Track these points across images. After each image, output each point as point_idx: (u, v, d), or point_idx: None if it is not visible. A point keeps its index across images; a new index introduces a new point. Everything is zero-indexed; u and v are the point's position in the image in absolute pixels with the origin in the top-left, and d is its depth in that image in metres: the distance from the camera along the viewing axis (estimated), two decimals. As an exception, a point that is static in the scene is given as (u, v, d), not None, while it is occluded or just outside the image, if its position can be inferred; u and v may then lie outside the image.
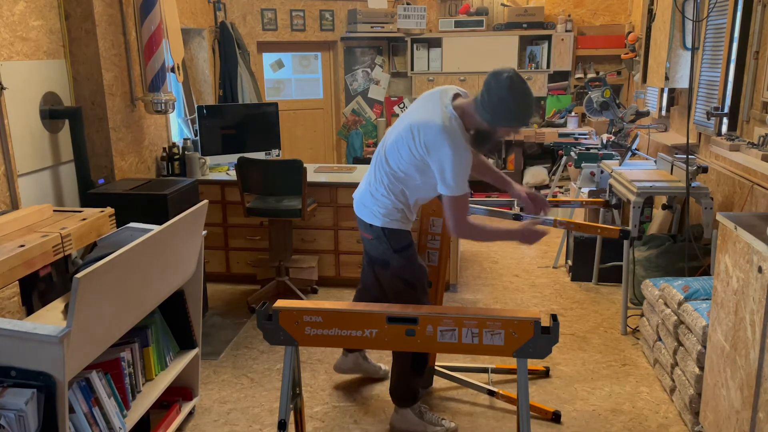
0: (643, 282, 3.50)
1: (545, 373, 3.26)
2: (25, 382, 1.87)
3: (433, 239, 2.95)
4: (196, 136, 4.81)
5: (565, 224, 3.12)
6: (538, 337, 2.09)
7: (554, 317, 2.10)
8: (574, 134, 6.03)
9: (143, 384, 2.56)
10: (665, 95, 5.17)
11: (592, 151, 4.87)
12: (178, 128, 5.11)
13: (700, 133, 4.33)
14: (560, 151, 5.62)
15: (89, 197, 3.42)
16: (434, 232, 2.94)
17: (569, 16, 6.34)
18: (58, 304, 2.57)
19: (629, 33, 6.00)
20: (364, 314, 2.18)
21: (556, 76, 6.48)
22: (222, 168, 4.58)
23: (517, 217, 3.03)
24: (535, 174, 6.43)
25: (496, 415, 2.93)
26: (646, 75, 5.38)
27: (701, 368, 2.69)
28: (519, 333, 2.10)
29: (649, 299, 3.36)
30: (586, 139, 5.86)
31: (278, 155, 4.81)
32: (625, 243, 3.69)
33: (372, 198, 2.63)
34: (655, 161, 4.23)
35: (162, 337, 2.71)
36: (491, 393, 3.05)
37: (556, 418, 2.87)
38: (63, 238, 2.59)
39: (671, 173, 3.89)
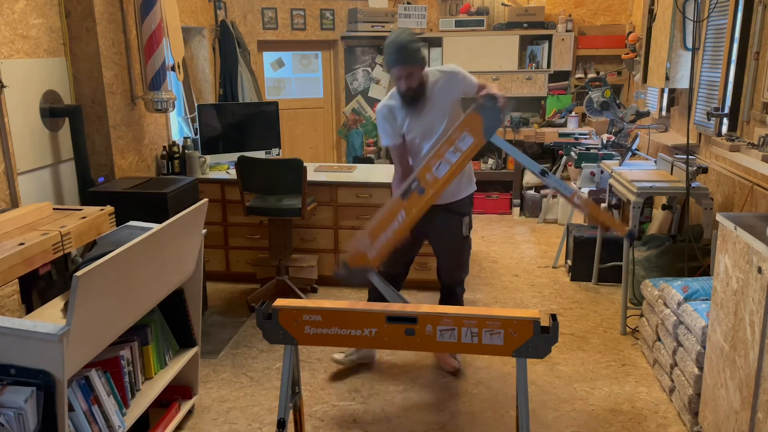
0: (643, 282, 3.50)
1: (455, 374, 3.27)
2: (24, 380, 1.87)
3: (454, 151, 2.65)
4: (196, 134, 4.80)
5: (581, 204, 2.82)
6: (537, 337, 2.09)
7: (554, 317, 2.11)
8: (574, 134, 6.03)
9: (142, 382, 2.56)
10: (665, 95, 5.17)
11: (592, 151, 4.87)
12: (178, 127, 5.11)
13: (700, 134, 4.33)
14: (560, 151, 5.63)
15: (89, 195, 3.42)
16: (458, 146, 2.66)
17: (570, 15, 6.33)
18: (57, 303, 2.57)
19: (630, 33, 6.00)
20: (364, 313, 2.18)
21: (557, 76, 6.47)
22: (222, 167, 4.58)
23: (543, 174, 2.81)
24: (535, 174, 6.41)
25: (495, 414, 2.93)
26: (646, 75, 5.38)
27: (700, 368, 2.69)
28: (518, 333, 2.10)
29: (649, 299, 3.36)
30: (586, 139, 5.86)
31: (278, 154, 4.81)
32: (625, 243, 3.69)
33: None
34: (655, 161, 4.23)
35: (161, 335, 2.71)
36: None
37: None
38: (63, 237, 2.59)
39: (671, 173, 3.89)
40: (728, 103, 3.88)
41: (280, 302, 2.25)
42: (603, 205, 4.25)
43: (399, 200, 2.58)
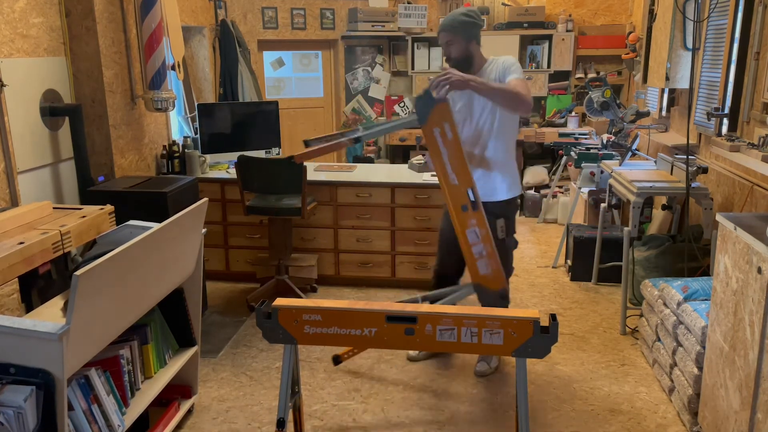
0: (643, 282, 3.50)
1: (334, 361, 3.27)
2: (24, 380, 1.87)
3: None
4: (196, 134, 4.80)
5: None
6: (537, 337, 2.09)
7: (553, 317, 2.11)
8: (574, 134, 6.04)
9: (142, 382, 2.56)
10: (665, 95, 5.17)
11: (592, 151, 4.87)
12: (178, 126, 5.11)
13: (700, 134, 4.33)
14: (560, 151, 5.63)
15: (89, 195, 3.41)
16: None
17: (570, 15, 6.33)
18: (57, 302, 2.57)
19: (630, 33, 6.00)
20: (364, 313, 2.18)
21: (557, 76, 6.48)
22: (222, 166, 4.58)
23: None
24: (535, 174, 6.43)
25: (495, 414, 2.93)
26: (646, 75, 5.38)
27: (700, 369, 2.69)
28: (518, 332, 2.10)
29: (649, 299, 3.36)
30: (586, 139, 5.86)
31: (278, 154, 4.81)
32: (625, 243, 3.69)
33: None
34: (655, 161, 4.23)
35: (161, 334, 2.71)
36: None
37: None
38: (62, 236, 2.59)
39: (671, 173, 3.89)
40: (728, 103, 3.88)
41: (279, 302, 2.25)
42: (603, 204, 4.25)
43: (464, 215, 2.84)
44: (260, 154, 4.62)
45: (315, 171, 4.50)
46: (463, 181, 2.82)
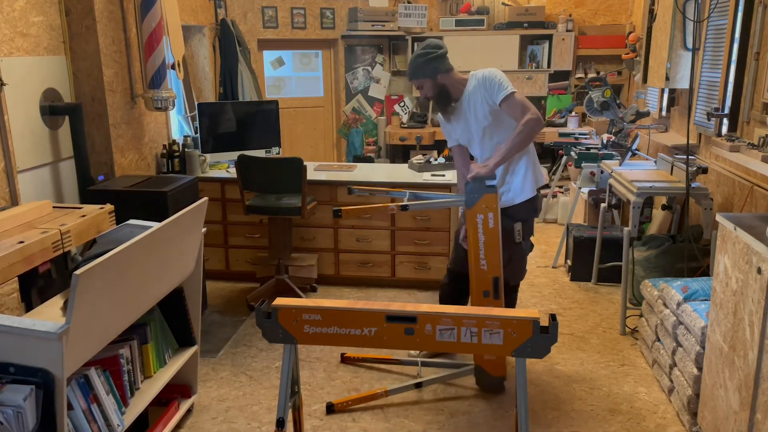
0: (643, 282, 3.50)
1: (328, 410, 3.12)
2: (23, 379, 1.87)
3: None
4: (196, 133, 4.80)
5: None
6: (536, 337, 2.09)
7: (553, 317, 2.10)
8: (574, 134, 6.03)
9: (142, 381, 2.56)
10: (665, 95, 5.17)
11: (592, 151, 4.87)
12: (178, 125, 5.10)
13: (700, 134, 4.33)
14: (560, 151, 5.62)
15: (89, 194, 3.41)
16: None
17: (570, 15, 6.33)
18: (57, 301, 2.57)
19: (630, 33, 6.00)
20: (363, 313, 2.18)
21: (557, 76, 6.47)
22: (222, 165, 4.58)
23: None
24: (535, 173, 6.42)
25: (494, 414, 2.93)
26: (646, 75, 5.38)
27: (700, 369, 2.69)
28: (518, 332, 2.10)
29: (648, 299, 3.36)
30: (586, 138, 5.85)
31: (278, 153, 4.81)
32: (625, 243, 3.69)
33: None
34: (655, 161, 4.23)
35: (161, 334, 2.71)
36: (418, 385, 3.12)
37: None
38: (62, 235, 2.59)
39: (671, 174, 3.89)
40: (728, 103, 3.88)
41: (279, 301, 2.25)
42: (603, 204, 4.25)
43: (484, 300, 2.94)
44: (260, 153, 4.62)
45: (315, 170, 4.50)
46: (491, 269, 2.91)
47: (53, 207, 2.90)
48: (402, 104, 6.80)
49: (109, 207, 2.95)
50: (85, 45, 3.55)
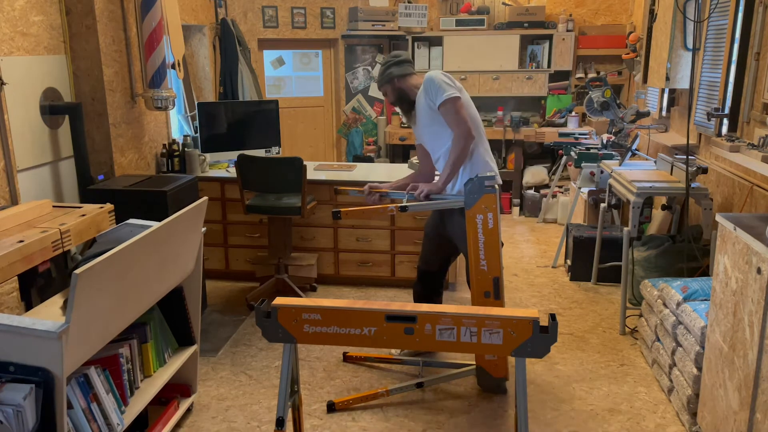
0: (642, 282, 3.50)
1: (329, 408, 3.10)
2: (23, 378, 1.87)
3: None
4: (196, 132, 4.80)
5: None
6: (536, 337, 2.09)
7: (553, 317, 2.11)
8: (574, 134, 6.03)
9: (141, 380, 2.56)
10: (666, 96, 5.17)
11: (592, 151, 4.87)
12: (178, 125, 5.10)
13: (700, 134, 4.33)
14: (560, 151, 5.63)
15: (89, 193, 3.41)
16: None
17: (570, 15, 6.33)
18: (57, 300, 2.57)
19: (630, 33, 6.00)
20: (363, 312, 2.18)
21: (557, 76, 6.47)
22: (222, 165, 4.58)
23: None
24: (535, 174, 6.43)
25: (494, 413, 2.93)
26: (646, 75, 5.38)
27: (699, 369, 2.69)
28: (517, 332, 2.10)
29: (648, 299, 3.36)
30: (586, 138, 5.86)
31: (278, 153, 4.81)
32: (625, 243, 3.69)
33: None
34: (655, 162, 4.23)
35: (161, 333, 2.71)
36: (419, 385, 3.12)
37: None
38: (62, 234, 2.59)
39: (671, 174, 3.89)
40: (728, 103, 3.87)
41: (279, 301, 2.25)
42: (603, 204, 4.25)
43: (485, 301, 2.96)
44: (260, 153, 4.62)
45: (315, 170, 4.50)
46: (492, 270, 2.91)
47: (53, 206, 2.90)
48: (402, 104, 6.79)
49: (108, 206, 2.95)
50: (86, 44, 3.55)
